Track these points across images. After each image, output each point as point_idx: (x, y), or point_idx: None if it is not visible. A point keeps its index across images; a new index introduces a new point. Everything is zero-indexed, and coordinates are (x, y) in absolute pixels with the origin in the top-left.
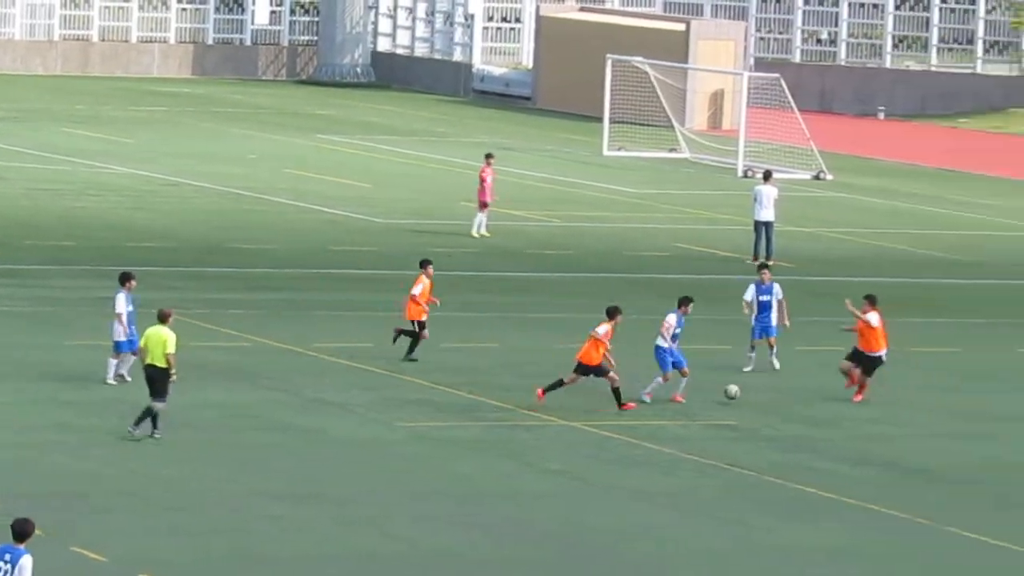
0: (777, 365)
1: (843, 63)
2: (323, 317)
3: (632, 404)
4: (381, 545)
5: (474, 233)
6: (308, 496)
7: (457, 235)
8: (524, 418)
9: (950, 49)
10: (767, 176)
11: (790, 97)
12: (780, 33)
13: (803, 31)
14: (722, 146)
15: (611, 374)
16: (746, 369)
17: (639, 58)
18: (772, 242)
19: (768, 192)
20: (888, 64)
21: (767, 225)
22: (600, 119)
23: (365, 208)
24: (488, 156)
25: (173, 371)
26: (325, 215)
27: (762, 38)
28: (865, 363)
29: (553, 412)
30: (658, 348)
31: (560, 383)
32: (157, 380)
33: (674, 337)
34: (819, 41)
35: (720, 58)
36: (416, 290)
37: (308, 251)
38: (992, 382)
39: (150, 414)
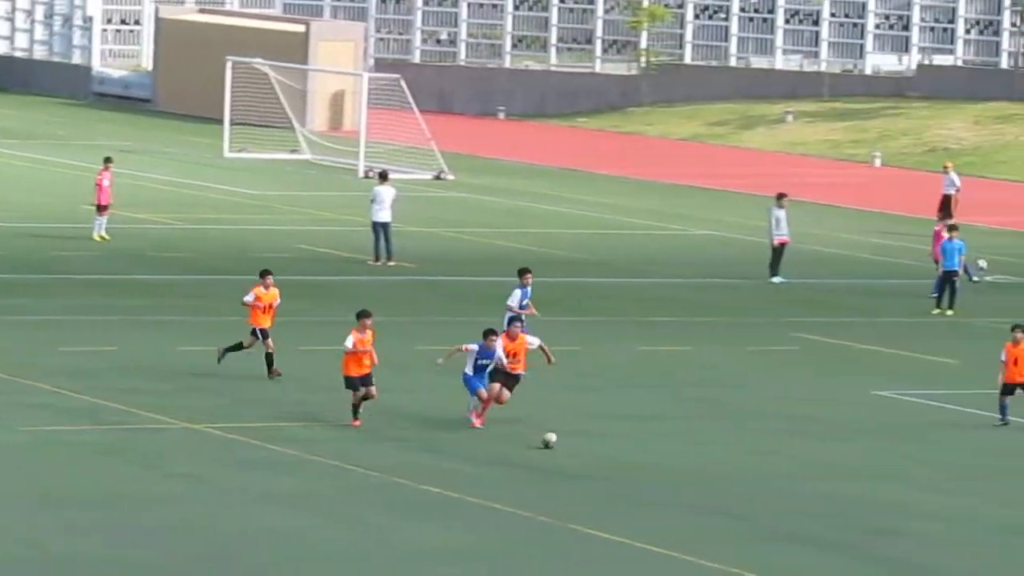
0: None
1: (463, 63)
2: None
3: (358, 421)
4: (7, 551)
5: (95, 236)
6: None
7: (79, 239)
8: (146, 421)
9: (569, 49)
10: (383, 176)
11: (410, 97)
12: (400, 34)
13: (423, 32)
14: (343, 147)
15: (371, 388)
16: None
17: (259, 59)
18: (391, 242)
19: (386, 192)
20: (507, 64)
21: (384, 226)
22: (221, 121)
23: None
24: (107, 160)
25: None
26: None
27: (382, 39)
28: (513, 381)
29: (176, 415)
30: (464, 375)
31: (355, 405)
32: None
33: (484, 367)
34: (439, 41)
35: (340, 59)
36: (248, 298)
37: None
38: (611, 380)
39: None
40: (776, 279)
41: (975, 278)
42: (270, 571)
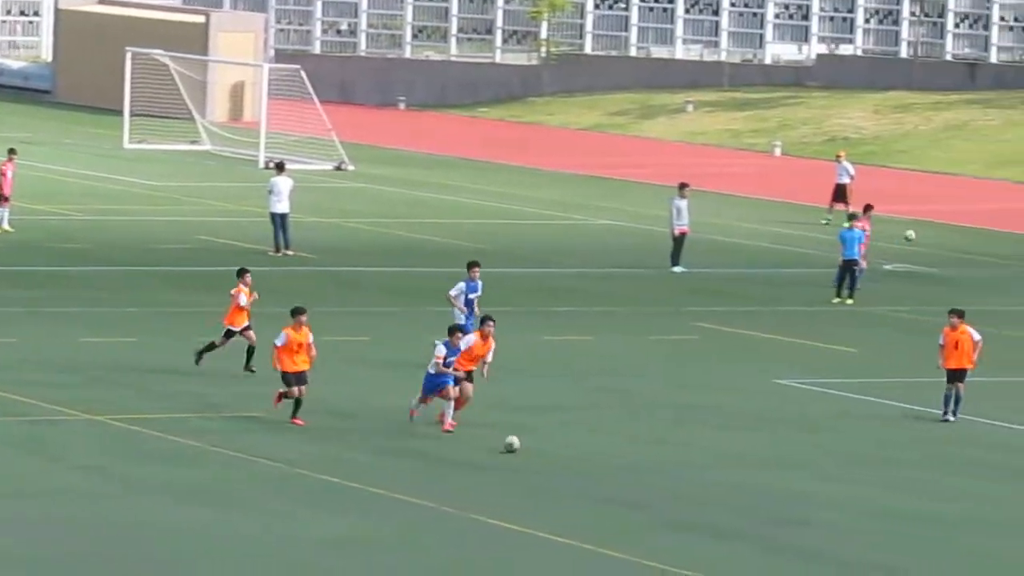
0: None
1: (363, 54)
2: None
3: (300, 421)
4: None
5: None
6: None
7: None
8: (49, 413)
9: (469, 39)
10: (280, 167)
11: (311, 88)
12: (300, 24)
13: (323, 22)
14: (244, 138)
15: (302, 387)
16: None
17: (159, 51)
18: (288, 233)
19: (283, 183)
20: (408, 54)
21: (282, 216)
22: (121, 112)
23: None
24: (11, 151)
25: None
26: None
27: (282, 29)
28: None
29: (78, 406)
30: (427, 374)
31: (284, 396)
32: None
33: (448, 364)
34: (339, 32)
35: (240, 50)
36: (243, 300)
37: None
38: (513, 371)
39: None
40: (677, 269)
41: (858, 286)
42: (174, 563)
